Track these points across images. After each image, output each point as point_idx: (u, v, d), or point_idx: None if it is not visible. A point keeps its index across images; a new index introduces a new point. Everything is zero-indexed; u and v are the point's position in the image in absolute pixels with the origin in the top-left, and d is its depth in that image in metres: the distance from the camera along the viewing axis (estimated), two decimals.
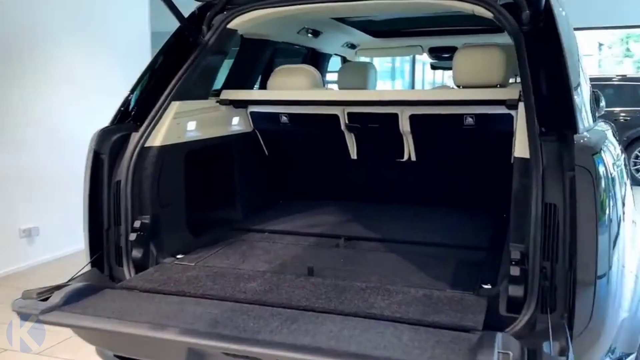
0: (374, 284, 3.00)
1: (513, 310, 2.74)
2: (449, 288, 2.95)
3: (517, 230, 2.77)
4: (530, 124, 2.82)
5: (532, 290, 2.66)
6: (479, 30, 6.05)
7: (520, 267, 2.70)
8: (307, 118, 4.34)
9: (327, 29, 5.52)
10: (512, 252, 2.74)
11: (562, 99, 2.84)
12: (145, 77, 3.71)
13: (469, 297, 2.81)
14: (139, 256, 3.37)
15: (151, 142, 3.50)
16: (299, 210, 4.50)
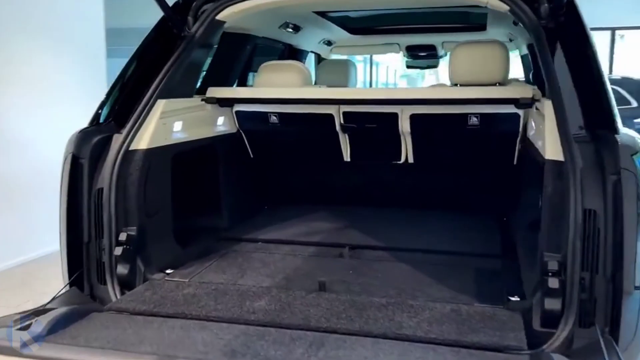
0: (393, 299, 2.76)
1: (549, 324, 2.54)
2: (475, 301, 2.73)
3: (552, 239, 2.57)
4: (561, 124, 2.62)
5: (570, 303, 2.47)
6: (458, 29, 5.91)
7: (558, 278, 2.50)
8: (299, 117, 4.05)
9: (307, 24, 5.26)
10: (549, 262, 2.54)
11: (597, 97, 2.65)
12: (126, 73, 3.34)
13: (501, 312, 2.60)
14: (125, 273, 3.02)
15: (136, 145, 3.15)
16: (288, 216, 4.21)
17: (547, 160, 2.64)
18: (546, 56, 2.83)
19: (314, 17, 5.05)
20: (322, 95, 3.87)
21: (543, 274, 2.57)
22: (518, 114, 3.69)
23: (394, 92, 3.84)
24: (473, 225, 3.95)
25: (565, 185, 2.54)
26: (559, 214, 2.55)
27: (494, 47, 3.77)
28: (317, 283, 2.97)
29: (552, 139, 2.66)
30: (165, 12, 3.36)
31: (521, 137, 3.82)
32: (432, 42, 6.33)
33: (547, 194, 2.61)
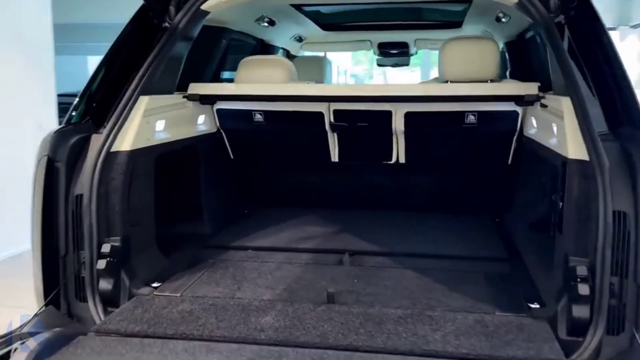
0: (409, 309, 2.57)
1: (576, 333, 2.42)
2: (496, 310, 2.58)
3: (579, 242, 2.44)
4: (584, 121, 2.50)
5: (600, 310, 2.35)
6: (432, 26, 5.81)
7: (587, 284, 2.38)
8: (286, 116, 3.81)
9: (282, 18, 5.02)
10: (578, 267, 2.40)
11: (620, 93, 2.54)
12: (104, 67, 3.02)
13: (527, 322, 2.45)
14: (109, 288, 2.72)
15: (118, 146, 2.85)
16: (274, 220, 3.96)
17: (571, 159, 2.51)
18: (560, 51, 2.70)
19: (290, 10, 4.82)
20: (313, 92, 3.65)
21: (570, 280, 2.43)
22: (517, 112, 3.58)
23: (388, 89, 3.65)
24: (469, 226, 3.81)
25: (592, 186, 2.41)
26: (586, 217, 2.42)
27: (487, 43, 3.65)
28: (323, 294, 2.75)
29: (575, 138, 2.53)
30: (146, 0, 3.07)
31: (518, 136, 3.71)
32: (405, 39, 6.21)
33: (572, 195, 2.47)
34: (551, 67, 3.04)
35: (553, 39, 2.76)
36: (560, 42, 2.75)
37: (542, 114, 3.20)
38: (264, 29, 4.99)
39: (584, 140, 2.48)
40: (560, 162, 2.66)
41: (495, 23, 4.69)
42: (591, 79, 2.68)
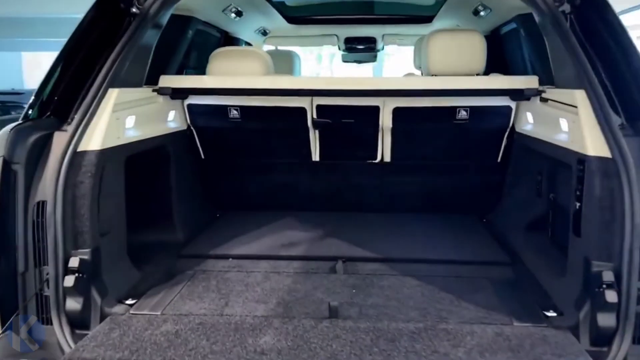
0: (421, 322, 2.34)
1: (600, 343, 2.25)
2: (513, 320, 2.38)
3: (603, 246, 2.27)
4: (603, 116, 2.33)
5: (626, 318, 2.20)
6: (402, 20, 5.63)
7: (614, 290, 2.21)
8: (265, 112, 3.52)
9: (250, 9, 4.73)
10: (604, 273, 2.23)
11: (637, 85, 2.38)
12: (65, 56, 2.64)
13: (550, 332, 2.26)
14: (78, 308, 2.38)
15: (86, 145, 2.50)
16: (251, 225, 3.65)
17: (591, 157, 2.34)
18: (570, 41, 2.53)
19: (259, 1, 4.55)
20: (295, 85, 3.37)
21: (594, 286, 2.26)
22: (510, 107, 3.41)
23: (377, 82, 3.40)
24: (459, 227, 3.62)
25: (616, 184, 2.25)
26: (610, 218, 2.26)
27: (475, 36, 3.46)
28: (322, 307, 2.49)
29: (593, 133, 2.36)
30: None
31: (509, 132, 3.54)
32: (372, 34, 6.00)
33: (594, 195, 2.30)
34: (553, 59, 2.87)
35: (561, 29, 2.59)
36: (570, 31, 2.57)
37: (543, 108, 3.03)
38: (229, 20, 4.67)
39: (604, 135, 2.32)
40: (575, 159, 2.49)
41: (471, 17, 4.54)
42: (603, 69, 2.53)
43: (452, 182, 3.80)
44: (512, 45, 4.60)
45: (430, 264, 3.03)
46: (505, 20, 4.21)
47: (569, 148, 2.58)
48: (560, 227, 3.06)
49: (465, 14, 4.69)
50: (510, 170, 3.65)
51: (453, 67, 3.41)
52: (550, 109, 2.91)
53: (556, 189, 3.10)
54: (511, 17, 3.95)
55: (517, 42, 4.48)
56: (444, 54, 3.42)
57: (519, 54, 4.46)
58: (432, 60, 3.43)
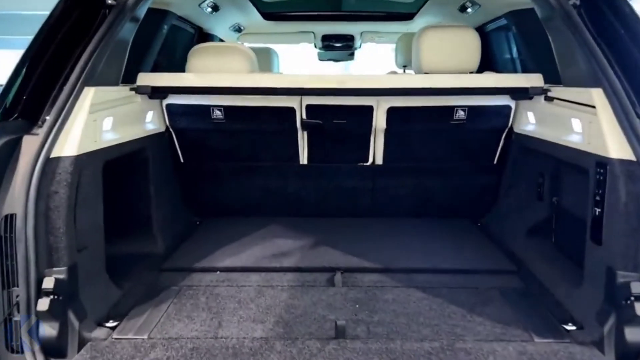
0: (436, 342, 2.16)
1: (626, 358, 2.11)
2: (534, 335, 2.22)
3: (629, 255, 2.12)
4: (624, 116, 2.19)
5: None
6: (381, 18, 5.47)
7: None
8: (251, 112, 3.29)
9: (226, 4, 4.49)
10: (632, 284, 2.09)
11: None
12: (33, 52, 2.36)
13: (575, 349, 2.11)
14: (54, 334, 2.11)
15: (60, 151, 2.23)
16: (235, 233, 3.42)
17: (614, 160, 2.19)
18: (584, 38, 2.38)
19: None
20: (285, 83, 3.14)
21: (620, 298, 2.11)
22: (510, 106, 3.27)
23: (372, 81, 3.20)
24: (455, 232, 3.47)
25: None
26: (637, 225, 2.11)
27: (469, 32, 3.30)
28: (326, 326, 2.29)
29: (615, 134, 2.22)
30: None
31: (507, 132, 3.40)
32: (351, 32, 5.82)
33: (619, 201, 2.15)
34: (560, 56, 2.73)
35: (572, 24, 2.44)
36: (582, 26, 2.43)
37: (549, 107, 2.89)
38: (205, 15, 4.43)
39: (627, 137, 2.17)
40: (593, 162, 2.34)
41: (456, 14, 4.40)
42: (618, 66, 2.39)
43: (445, 184, 3.64)
44: (498, 44, 4.48)
45: (433, 274, 2.85)
46: (493, 17, 4.08)
47: (584, 150, 2.43)
48: (565, 233, 2.92)
49: (449, 10, 4.54)
50: (508, 172, 3.51)
51: (447, 64, 3.24)
52: (559, 109, 2.76)
53: (561, 192, 2.97)
54: (501, 14, 3.82)
55: (505, 39, 4.37)
56: (438, 51, 3.24)
57: (507, 51, 4.34)
58: (425, 57, 3.25)
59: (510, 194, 3.51)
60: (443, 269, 2.91)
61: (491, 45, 4.48)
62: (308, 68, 7.68)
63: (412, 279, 2.80)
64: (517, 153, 3.38)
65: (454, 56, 3.25)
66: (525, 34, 3.54)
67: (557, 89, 2.84)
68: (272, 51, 5.39)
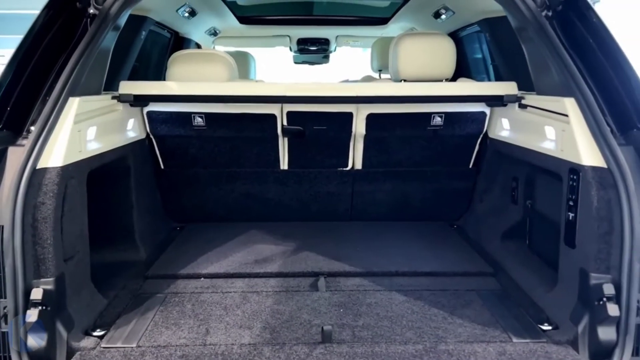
0: (419, 344, 2.23)
1: (599, 356, 2.21)
2: (512, 336, 2.31)
3: (601, 258, 2.22)
4: (595, 124, 2.29)
5: (627, 331, 2.16)
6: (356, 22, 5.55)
7: (616, 303, 2.17)
8: (232, 119, 3.32)
9: (203, 9, 4.51)
10: (604, 285, 2.19)
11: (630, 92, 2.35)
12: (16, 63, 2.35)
13: (551, 348, 2.21)
14: (43, 345, 2.12)
15: (46, 162, 2.24)
16: (216, 239, 3.44)
17: (586, 167, 2.29)
18: (556, 48, 2.48)
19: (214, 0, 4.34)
20: (266, 91, 3.19)
21: (593, 299, 2.22)
22: (485, 113, 3.36)
23: (351, 89, 3.26)
24: (432, 236, 3.56)
25: (613, 195, 2.21)
26: (608, 229, 2.22)
27: (445, 40, 3.39)
28: (312, 331, 2.34)
29: (587, 142, 2.32)
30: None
31: (482, 138, 3.50)
32: (326, 35, 5.89)
33: (591, 206, 2.25)
34: (533, 65, 2.83)
35: (545, 35, 2.53)
36: (555, 38, 2.53)
37: (523, 115, 2.99)
38: (182, 20, 4.44)
39: (598, 145, 2.28)
40: (567, 169, 2.44)
41: (430, 20, 4.50)
42: (590, 76, 2.49)
43: (423, 188, 3.72)
44: (471, 50, 4.59)
45: (413, 277, 2.93)
46: (467, 24, 4.18)
47: (558, 157, 2.53)
48: (539, 236, 3.03)
49: (424, 16, 4.64)
50: (483, 176, 3.61)
51: (424, 71, 3.34)
52: (532, 116, 2.86)
53: (534, 196, 3.07)
54: (475, 21, 3.92)
55: (478, 46, 4.48)
56: (414, 59, 3.34)
57: (480, 57, 4.45)
58: (402, 64, 3.34)
59: (485, 198, 3.61)
60: (423, 272, 2.99)
61: (465, 51, 4.58)
62: (287, 72, 7.73)
63: (393, 282, 2.87)
64: (491, 158, 3.49)
65: (430, 63, 3.34)
66: (498, 42, 3.64)
67: (530, 97, 2.94)
68: (249, 56, 5.43)
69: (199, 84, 3.11)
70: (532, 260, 2.97)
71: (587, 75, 2.49)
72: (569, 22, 2.62)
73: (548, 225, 2.82)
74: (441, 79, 3.39)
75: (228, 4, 4.75)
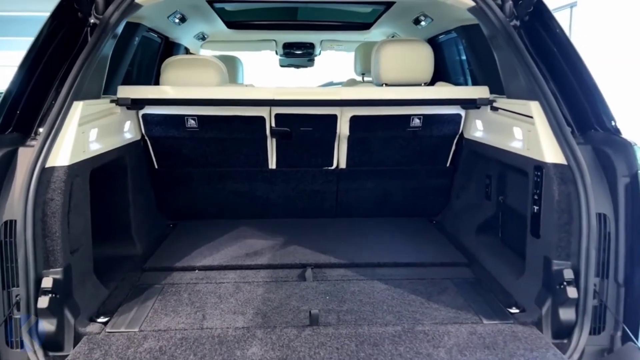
0: (398, 325, 2.45)
1: (561, 335, 2.45)
2: (483, 318, 2.53)
3: (562, 246, 2.46)
4: (557, 126, 2.52)
5: (585, 312, 2.40)
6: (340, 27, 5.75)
7: (574, 287, 2.40)
8: (223, 121, 3.51)
9: (194, 15, 4.69)
10: (564, 271, 2.42)
11: (588, 96, 2.59)
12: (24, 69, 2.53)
13: (518, 329, 2.43)
14: (52, 329, 2.31)
15: (54, 161, 2.42)
16: (209, 234, 3.64)
17: (549, 164, 2.52)
18: (522, 55, 2.71)
19: (203, 6, 4.51)
20: (256, 95, 3.39)
21: (555, 284, 2.45)
22: (460, 115, 3.59)
23: (335, 92, 3.48)
24: (413, 230, 3.78)
25: (572, 189, 2.44)
26: (567, 220, 2.45)
27: (423, 47, 3.62)
28: (301, 315, 2.54)
29: (549, 142, 2.55)
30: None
31: (458, 138, 3.73)
32: (311, 40, 6.10)
33: (553, 199, 2.48)
34: (503, 70, 3.06)
35: (513, 43, 2.76)
36: (522, 46, 2.76)
37: (494, 117, 3.23)
38: (173, 26, 4.62)
39: (559, 144, 2.51)
40: (532, 166, 2.67)
41: (410, 26, 4.72)
42: (553, 81, 2.73)
43: (404, 186, 3.95)
44: (450, 54, 4.83)
45: (394, 268, 3.15)
46: (445, 30, 4.41)
47: (525, 155, 2.77)
48: (510, 229, 3.26)
49: (404, 22, 4.86)
50: (459, 174, 3.84)
51: (404, 76, 3.56)
52: (502, 118, 3.10)
53: (505, 192, 3.31)
54: (452, 28, 4.15)
55: (455, 51, 4.71)
56: (395, 64, 3.56)
57: (457, 61, 4.69)
58: (383, 69, 3.56)
59: (461, 194, 3.85)
60: (403, 262, 3.21)
61: (443, 55, 4.82)
62: (274, 73, 7.92)
63: (375, 272, 3.09)
64: (467, 157, 3.72)
65: (409, 68, 3.57)
66: (473, 48, 3.87)
67: (501, 100, 3.17)
68: (237, 60, 5.62)
69: (193, 88, 3.30)
70: (503, 251, 3.21)
71: (550, 80, 2.74)
72: (534, 31, 2.86)
73: (518, 219, 3.05)
74: (420, 82, 3.62)
75: (216, 10, 4.93)
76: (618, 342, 2.44)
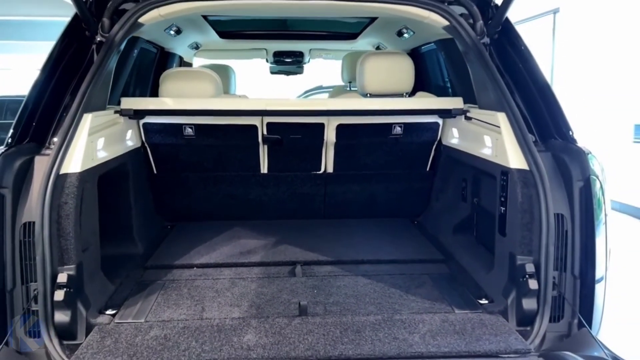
0: (379, 315, 2.73)
1: (525, 323, 2.73)
2: (455, 308, 2.81)
3: (524, 243, 2.75)
4: (521, 134, 2.81)
5: (545, 302, 2.68)
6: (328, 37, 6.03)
7: (535, 279, 2.69)
8: (219, 129, 3.78)
9: (189, 27, 4.94)
10: (526, 265, 2.71)
11: (548, 108, 2.89)
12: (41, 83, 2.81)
13: (486, 318, 2.71)
14: (67, 321, 2.55)
15: (67, 168, 2.68)
16: (205, 235, 3.90)
17: (513, 169, 2.81)
18: (491, 70, 3.00)
19: (199, 19, 4.78)
20: (248, 106, 3.66)
21: (518, 277, 2.73)
22: (438, 123, 3.88)
23: (323, 103, 3.77)
24: (396, 230, 4.06)
25: (533, 192, 2.73)
26: (529, 219, 2.74)
27: (404, 59, 3.90)
28: (292, 307, 2.81)
29: (514, 149, 2.84)
30: (80, 11, 2.90)
31: (437, 145, 4.02)
32: (300, 49, 6.37)
33: (517, 201, 2.77)
34: (475, 83, 3.35)
35: (482, 59, 3.05)
36: (490, 62, 3.05)
37: (468, 125, 3.51)
38: (169, 38, 4.87)
39: (522, 151, 2.80)
40: (499, 171, 2.96)
41: (394, 37, 5.00)
42: (518, 94, 3.04)
43: (387, 189, 4.23)
44: (431, 64, 5.12)
45: (376, 264, 3.43)
46: (425, 42, 4.70)
47: (493, 161, 3.06)
48: (483, 228, 3.55)
49: (388, 34, 5.14)
50: (438, 178, 4.13)
51: (387, 86, 3.84)
52: (475, 127, 3.39)
53: (479, 194, 3.59)
54: (432, 40, 4.44)
55: (436, 61, 5.00)
56: (378, 75, 3.84)
57: (437, 72, 4.98)
58: (367, 80, 3.84)
59: (440, 196, 4.14)
60: (385, 259, 3.49)
61: (424, 65, 5.11)
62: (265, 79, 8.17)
63: (359, 268, 3.36)
64: (445, 162, 4.01)
65: (392, 80, 3.85)
66: (451, 59, 4.15)
67: (474, 110, 3.46)
68: (230, 69, 5.88)
69: (191, 100, 3.57)
70: (477, 249, 3.49)
71: (516, 93, 3.04)
72: (502, 48, 3.16)
73: (489, 219, 3.34)
74: (402, 92, 3.91)
75: (210, 22, 5.20)
76: (575, 328, 2.72)
